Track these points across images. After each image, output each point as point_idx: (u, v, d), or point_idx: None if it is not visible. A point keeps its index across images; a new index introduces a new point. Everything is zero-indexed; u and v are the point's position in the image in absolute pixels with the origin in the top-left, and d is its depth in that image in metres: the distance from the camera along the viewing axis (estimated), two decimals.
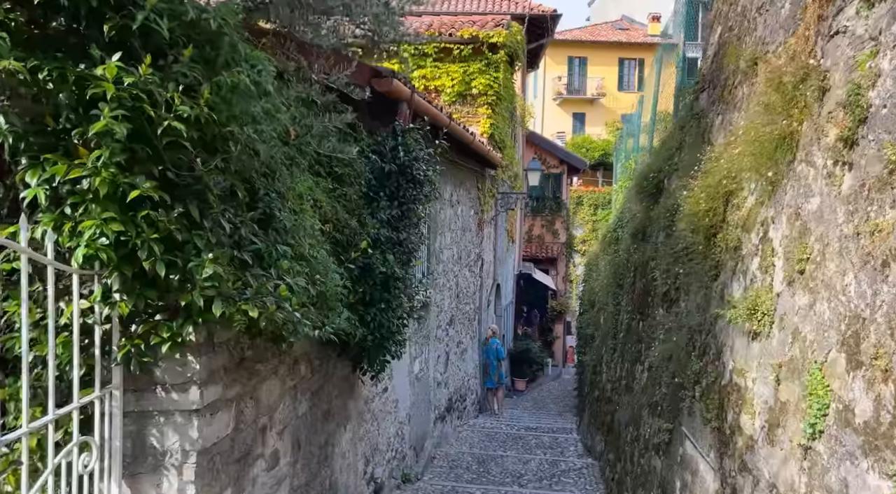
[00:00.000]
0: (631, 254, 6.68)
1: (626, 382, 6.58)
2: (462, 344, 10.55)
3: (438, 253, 8.31)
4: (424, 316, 7.54)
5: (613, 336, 7.68)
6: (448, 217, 8.92)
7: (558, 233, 23.81)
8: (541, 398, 17.11)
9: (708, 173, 3.67)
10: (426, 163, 4.74)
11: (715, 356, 3.50)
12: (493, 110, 12.21)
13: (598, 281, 9.37)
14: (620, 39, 38.26)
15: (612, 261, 7.69)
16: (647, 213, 6.07)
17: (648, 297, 5.95)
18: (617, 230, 7.60)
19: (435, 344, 8.33)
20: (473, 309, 11.69)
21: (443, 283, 8.75)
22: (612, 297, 7.72)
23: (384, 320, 4.16)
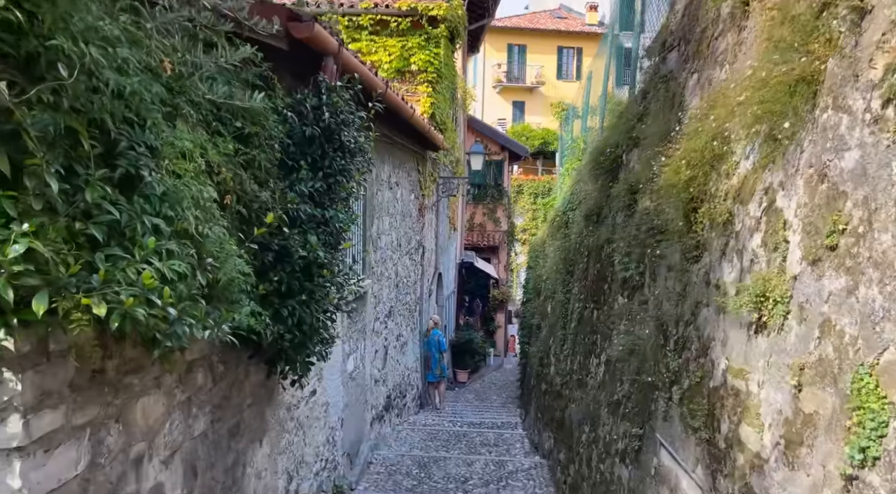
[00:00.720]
0: (584, 238, 6.17)
1: (580, 377, 6.08)
2: (402, 337, 9.88)
3: (375, 238, 7.59)
4: (359, 309, 6.82)
5: (563, 326, 7.19)
6: (386, 199, 8.20)
7: (500, 221, 23.41)
8: (483, 389, 16.67)
9: (690, 136, 3.11)
10: (357, 130, 4.02)
11: (699, 352, 2.97)
12: (434, 89, 11.52)
13: (545, 268, 8.87)
14: (559, 27, 38.35)
15: (562, 247, 7.18)
16: (604, 192, 5.55)
17: (605, 284, 5.43)
18: (567, 213, 7.09)
19: (372, 339, 7.63)
20: (414, 300, 11.02)
21: (381, 272, 8.04)
22: (562, 285, 7.22)
23: (305, 314, 3.44)
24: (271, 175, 3.36)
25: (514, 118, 37.73)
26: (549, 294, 8.52)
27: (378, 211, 7.70)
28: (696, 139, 2.99)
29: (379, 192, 7.71)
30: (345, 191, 3.86)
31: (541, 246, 9.98)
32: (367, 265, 7.12)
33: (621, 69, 9.35)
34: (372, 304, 7.52)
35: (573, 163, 8.82)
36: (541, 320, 9.07)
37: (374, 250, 7.57)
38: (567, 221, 7.14)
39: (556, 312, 7.80)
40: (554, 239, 8.02)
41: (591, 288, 5.95)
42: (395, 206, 8.90)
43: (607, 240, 5.42)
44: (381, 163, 7.75)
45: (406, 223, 9.84)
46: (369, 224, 7.19)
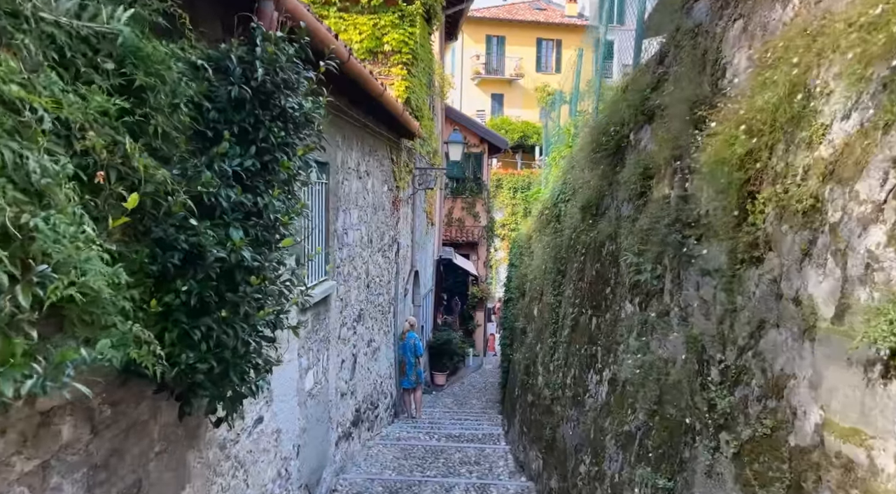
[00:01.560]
0: (580, 234, 5.35)
1: (574, 392, 5.27)
2: (374, 342, 9.00)
3: (342, 234, 6.70)
4: (322, 315, 5.93)
5: (553, 333, 6.37)
6: (355, 190, 7.30)
7: (479, 216, 22.61)
8: (462, 393, 15.86)
9: (750, 94, 2.28)
10: (304, 95, 3.12)
11: (767, 391, 2.14)
12: (409, 72, 10.62)
13: (531, 267, 8.04)
14: (538, 19, 37.83)
15: (552, 244, 6.36)
16: (605, 180, 4.73)
17: (606, 288, 4.62)
18: (558, 205, 6.26)
19: (338, 347, 6.74)
20: (388, 301, 10.14)
21: (348, 272, 7.15)
22: (552, 286, 6.41)
23: (227, 336, 2.55)
24: (177, 146, 2.45)
25: (493, 111, 37.08)
26: (536, 295, 7.70)
27: (345, 202, 6.80)
28: (761, 95, 2.15)
29: (346, 181, 6.81)
30: (288, 172, 2.96)
31: (526, 242, 9.16)
32: (330, 264, 6.22)
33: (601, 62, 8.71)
34: (337, 309, 6.63)
35: (561, 152, 8.01)
36: (526, 324, 8.26)
37: (340, 247, 6.68)
38: (558, 215, 6.31)
39: (545, 317, 6.98)
40: (542, 234, 7.19)
41: (588, 292, 5.13)
42: (366, 198, 8.00)
43: (610, 236, 4.60)
44: (348, 148, 6.86)
45: (378, 217, 8.95)
46: (333, 217, 6.30)
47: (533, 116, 35.94)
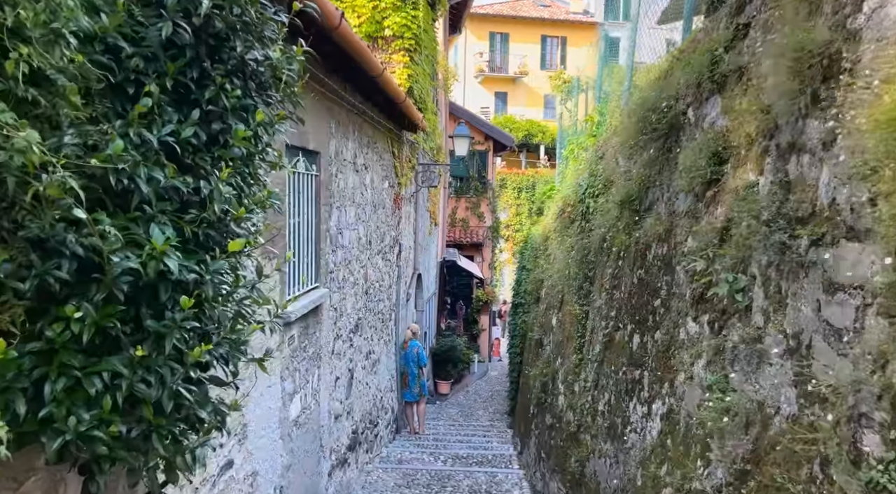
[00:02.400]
0: (616, 233, 4.51)
1: (610, 423, 4.43)
2: (373, 354, 8.16)
3: (335, 234, 5.87)
4: (311, 329, 5.10)
5: (579, 348, 5.53)
6: (351, 185, 6.47)
7: (484, 216, 21.75)
8: (468, 402, 15.01)
9: None
10: (271, 47, 2.28)
11: None
12: (412, 59, 9.78)
13: (549, 271, 7.20)
14: (543, 16, 37.14)
15: (578, 245, 5.51)
16: (654, 167, 3.89)
17: (654, 299, 3.78)
18: (585, 201, 5.42)
19: (332, 363, 5.91)
20: (389, 307, 9.31)
21: (344, 277, 6.31)
22: (577, 294, 5.57)
23: (146, 386, 1.71)
24: (69, 102, 1.62)
25: (497, 109, 36.38)
26: (555, 303, 6.86)
27: (339, 198, 5.97)
28: None
29: (340, 175, 5.98)
30: (243, 146, 2.11)
31: (541, 243, 8.31)
32: (322, 269, 5.39)
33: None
34: (330, 320, 5.79)
35: (582, 143, 7.17)
36: (542, 335, 7.41)
37: (334, 249, 5.85)
38: (585, 212, 5.47)
39: (567, 329, 6.14)
40: (563, 235, 6.35)
41: (627, 304, 4.30)
42: (364, 195, 7.17)
43: (659, 237, 3.77)
44: (343, 137, 6.03)
45: (378, 216, 8.12)
46: (326, 215, 5.46)
47: (538, 115, 35.18)
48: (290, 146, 4.44)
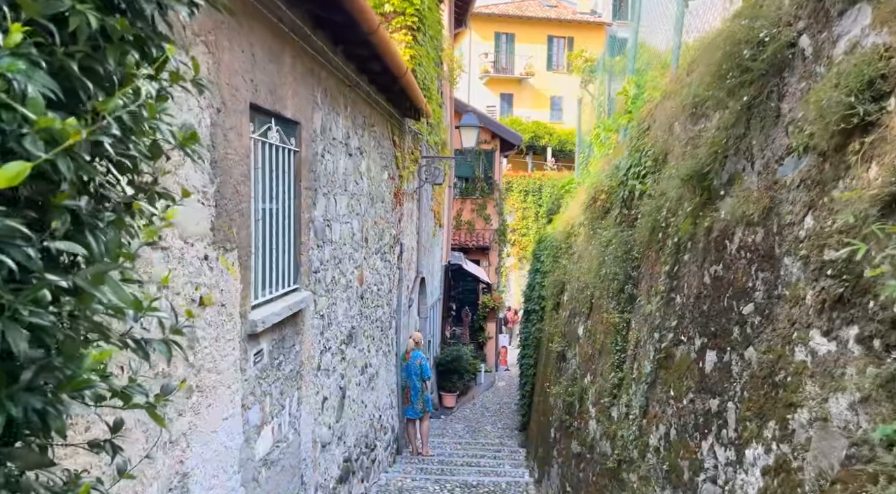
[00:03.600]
0: (677, 219, 3.50)
1: (672, 464, 3.42)
2: (370, 367, 7.15)
3: (321, 227, 4.88)
4: (289, 341, 4.10)
5: (617, 365, 4.51)
6: (343, 170, 5.49)
7: (490, 219, 20.77)
8: (475, 417, 13.96)
9: None
10: None
11: None
12: (415, 39, 8.83)
13: (573, 273, 6.18)
14: (549, 16, 36.43)
15: (617, 239, 4.50)
16: (739, 127, 2.89)
17: (742, 304, 2.77)
18: (627, 184, 4.41)
19: (318, 381, 4.91)
20: (388, 314, 8.31)
21: (334, 278, 5.32)
22: (614, 298, 4.56)
23: None
24: None
25: (502, 111, 35.58)
26: (582, 310, 5.84)
27: (327, 184, 4.98)
28: None
29: (328, 155, 4.99)
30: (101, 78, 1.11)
31: (563, 240, 7.29)
32: (304, 268, 4.39)
33: None
34: (315, 329, 4.79)
35: (614, 122, 6.16)
36: (565, 347, 6.38)
37: (321, 244, 4.86)
38: (626, 198, 4.46)
39: (599, 340, 5.12)
40: (594, 228, 5.34)
41: (695, 310, 3.29)
42: (359, 184, 6.18)
43: (748, 220, 2.76)
44: (331, 111, 5.04)
45: (376, 210, 7.13)
46: (309, 201, 4.47)
47: (544, 117, 34.37)
48: (257, 107, 3.46)
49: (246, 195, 3.30)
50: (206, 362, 2.92)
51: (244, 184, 3.27)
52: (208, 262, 2.91)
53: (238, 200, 3.20)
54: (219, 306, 3.02)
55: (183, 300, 2.68)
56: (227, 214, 3.08)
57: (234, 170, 3.15)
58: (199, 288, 2.82)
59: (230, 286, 3.14)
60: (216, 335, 3.01)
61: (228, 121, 3.06)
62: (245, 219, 3.30)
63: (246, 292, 3.34)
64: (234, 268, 3.18)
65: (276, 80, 3.69)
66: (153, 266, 2.42)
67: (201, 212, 2.82)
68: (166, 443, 2.57)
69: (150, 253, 2.39)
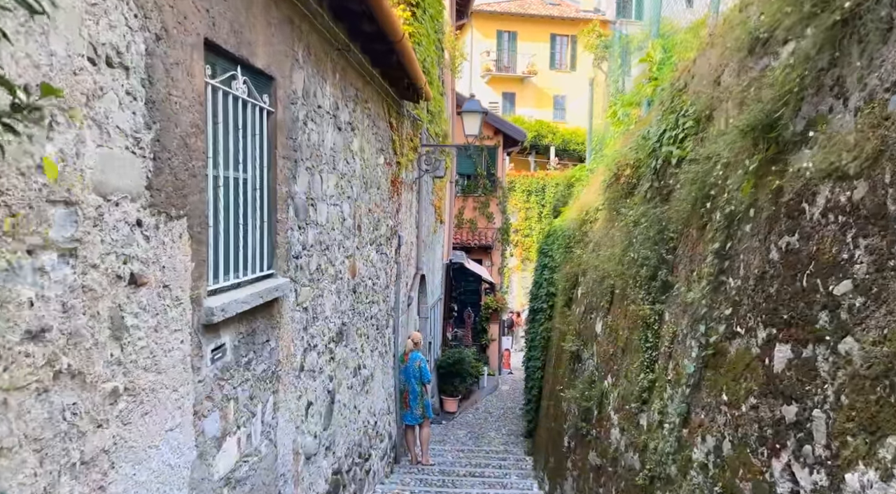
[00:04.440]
0: (731, 183, 2.86)
1: (727, 485, 2.76)
2: (364, 368, 6.50)
3: (304, 205, 4.23)
4: (261, 335, 3.45)
5: (648, 364, 3.86)
6: (331, 144, 4.85)
7: (493, 217, 20.11)
8: (478, 422, 13.27)
9: None
10: None
11: None
12: (414, 15, 8.20)
13: (590, 263, 5.53)
14: (552, 13, 35.93)
15: (649, 216, 3.84)
16: (822, 58, 2.25)
17: (837, 283, 2.13)
18: (661, 150, 3.76)
19: (301, 384, 4.26)
20: (385, 312, 7.66)
21: (320, 266, 4.68)
22: (646, 287, 3.91)
23: None
24: None
25: (504, 110, 35.02)
26: (601, 303, 5.19)
27: (311, 157, 4.33)
28: None
29: (312, 124, 4.35)
30: None
31: (577, 229, 6.63)
32: (281, 250, 3.74)
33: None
34: (297, 323, 4.14)
35: (636, 95, 5.51)
36: (581, 346, 5.72)
37: (303, 225, 4.21)
38: (659, 168, 3.81)
39: (622, 336, 4.47)
40: (616, 209, 4.68)
41: (757, 294, 2.64)
42: (351, 164, 5.54)
43: (839, 174, 2.12)
44: (316, 74, 4.40)
45: (371, 196, 6.49)
46: (288, 173, 3.82)
47: (547, 116, 33.82)
48: (216, 47, 2.82)
49: (199, 152, 2.66)
50: (141, 358, 2.28)
51: (196, 137, 2.62)
52: (143, 230, 2.27)
53: (188, 156, 2.56)
54: (159, 287, 2.38)
55: (102, 275, 2.04)
56: (171, 172, 2.44)
57: (182, 118, 2.51)
58: (128, 262, 2.18)
59: (177, 263, 2.50)
60: (155, 323, 2.36)
61: (173, 55, 2.42)
62: (199, 182, 2.66)
63: (200, 272, 2.69)
64: (182, 241, 2.54)
65: (241, 19, 3.05)
66: (50, 225, 1.78)
67: (132, 164, 2.18)
68: (76, 465, 1.93)
69: (45, 208, 1.75)
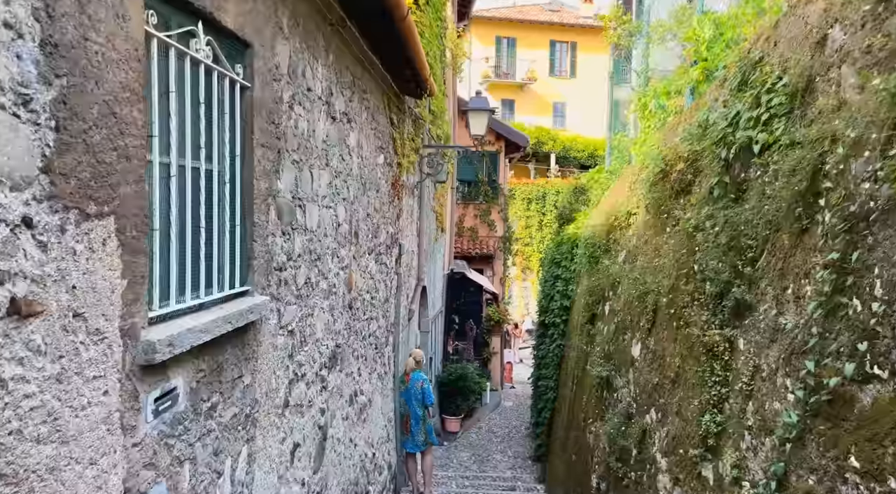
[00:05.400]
0: (848, 173, 2.12)
1: None
2: (361, 395, 5.73)
3: (289, 206, 3.47)
4: (230, 367, 2.69)
5: (716, 403, 3.10)
6: (323, 135, 4.10)
7: (495, 225, 19.36)
8: (482, 442, 12.47)
9: None
10: None
11: None
12: (416, 3, 7.50)
13: (623, 275, 4.77)
14: (552, 20, 35.54)
15: (716, 221, 3.09)
16: None
17: None
18: (736, 135, 2.99)
19: (286, 423, 3.49)
20: (385, 329, 6.89)
21: (310, 280, 3.92)
22: (711, 308, 3.16)
23: None
24: None
25: (503, 117, 34.43)
26: (640, 323, 4.43)
27: (299, 148, 3.58)
28: None
29: (300, 109, 3.60)
30: None
31: (602, 236, 5.86)
32: (259, 262, 2.98)
33: None
34: (281, 352, 3.37)
35: (673, 83, 4.78)
36: (613, 371, 4.95)
37: (289, 230, 3.45)
38: (733, 158, 3.06)
39: (671, 363, 3.71)
40: (664, 212, 3.93)
41: None
42: (347, 161, 4.80)
43: None
44: (305, 50, 3.66)
45: (370, 199, 5.75)
46: (268, 166, 3.07)
47: (546, 123, 33.35)
48: None
49: (136, 127, 1.91)
50: (31, 424, 1.52)
51: (131, 106, 1.87)
52: (35, 233, 1.51)
53: (117, 131, 1.81)
54: (64, 317, 1.62)
55: None
56: (88, 150, 1.68)
57: (108, 76, 1.76)
58: (5, 282, 1.43)
59: (97, 281, 1.74)
60: (58, 371, 1.60)
61: None
62: (135, 168, 1.91)
63: (136, 293, 1.93)
64: (107, 251, 1.78)
65: None
66: None
67: (12, 133, 1.43)
68: None
69: None
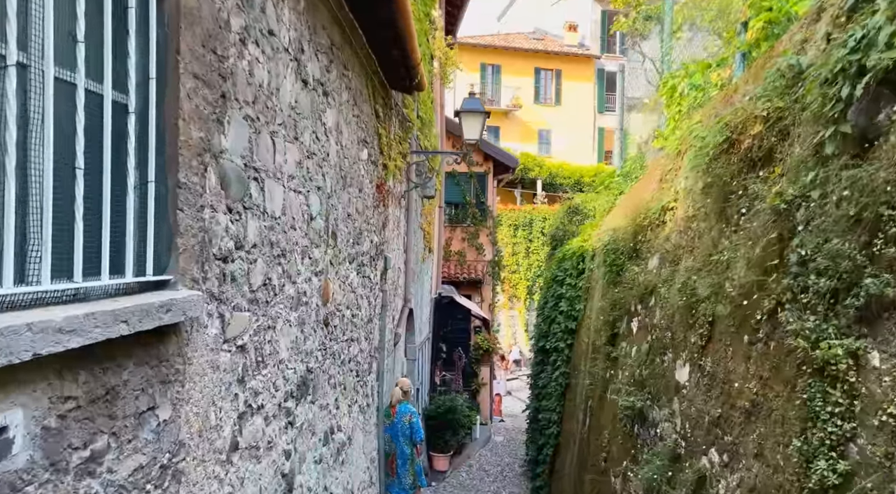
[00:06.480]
0: None
1: None
2: (339, 432, 4.72)
3: (242, 177, 2.55)
4: (130, 401, 1.75)
5: (833, 446, 2.21)
6: (291, 99, 3.21)
7: (483, 249, 18.51)
8: (473, 483, 11.34)
9: None
10: None
11: None
12: None
13: (658, 281, 3.88)
14: (536, 47, 35.67)
15: (832, 188, 2.24)
16: None
17: None
18: (872, 56, 2.16)
19: (233, 475, 2.51)
20: (368, 353, 5.91)
21: (270, 280, 2.97)
22: (815, 310, 2.29)
23: None
24: None
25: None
26: (687, 340, 3.52)
27: (254, 101, 2.69)
28: None
29: (255, 49, 2.71)
30: None
31: (627, 240, 4.97)
32: (191, 241, 2.06)
33: None
34: (227, 373, 2.41)
35: (726, 47, 3.97)
36: (647, 401, 4.02)
37: (239, 210, 2.54)
38: (856, 96, 2.22)
39: (742, 389, 2.80)
40: (731, 193, 3.07)
41: None
42: (322, 142, 3.90)
43: None
44: None
45: (351, 197, 4.84)
46: (206, 112, 2.17)
47: (532, 150, 33.09)
48: None
49: None
50: None
51: None
52: None
53: None
54: None
55: None
56: None
57: None
58: None
59: None
60: None
61: None
62: None
63: None
64: None
65: None
66: None
67: None
68: None
69: None
